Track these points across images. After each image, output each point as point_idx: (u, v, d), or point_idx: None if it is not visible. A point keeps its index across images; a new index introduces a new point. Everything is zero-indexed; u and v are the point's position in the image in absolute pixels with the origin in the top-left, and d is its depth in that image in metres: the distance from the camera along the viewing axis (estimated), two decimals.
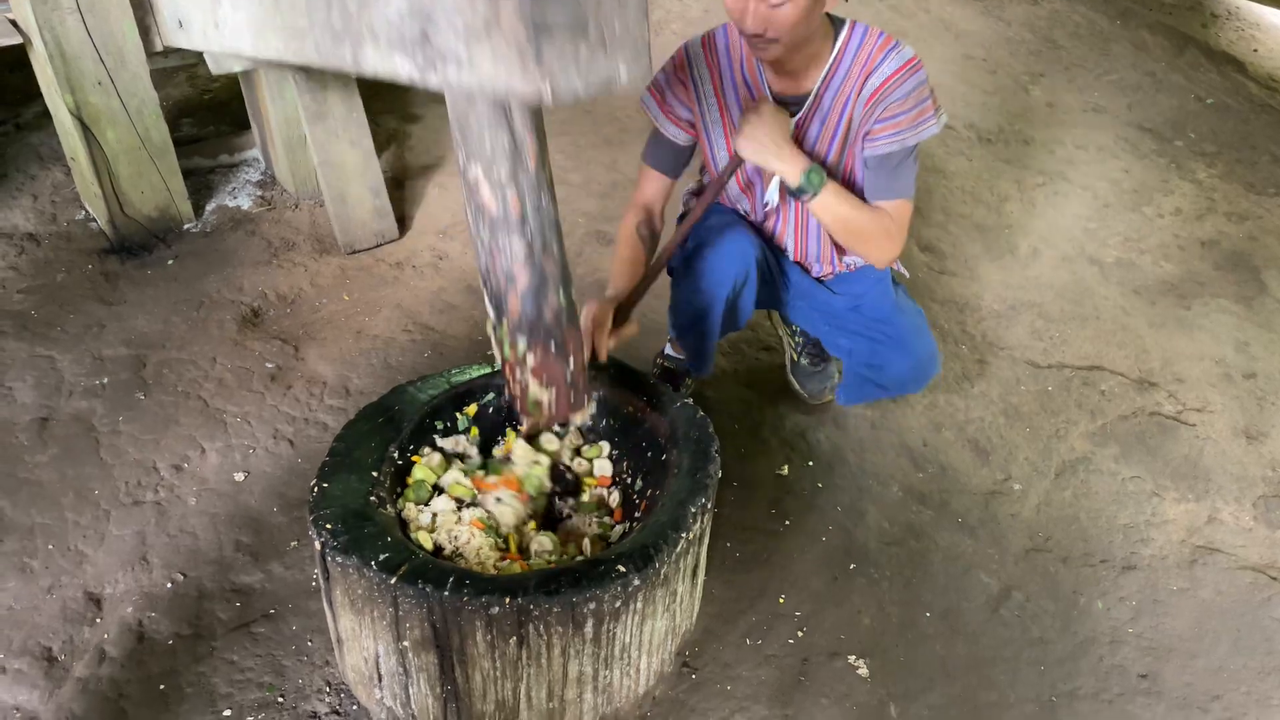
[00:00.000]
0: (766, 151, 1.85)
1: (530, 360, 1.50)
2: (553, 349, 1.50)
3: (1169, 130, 4.29)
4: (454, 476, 1.73)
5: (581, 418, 1.57)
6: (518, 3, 1.01)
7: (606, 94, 1.09)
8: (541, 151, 1.36)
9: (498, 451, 1.84)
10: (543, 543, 1.68)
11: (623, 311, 1.92)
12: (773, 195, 2.05)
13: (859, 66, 1.86)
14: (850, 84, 1.87)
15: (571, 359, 1.51)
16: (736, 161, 1.93)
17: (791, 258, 2.19)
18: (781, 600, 2.04)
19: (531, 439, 1.80)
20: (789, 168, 1.85)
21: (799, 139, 1.94)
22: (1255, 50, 5.35)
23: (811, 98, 1.90)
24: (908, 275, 2.24)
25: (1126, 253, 3.42)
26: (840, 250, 2.15)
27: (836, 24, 1.87)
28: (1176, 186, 3.85)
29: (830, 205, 1.89)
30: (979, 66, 4.54)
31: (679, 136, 2.05)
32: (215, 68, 2.57)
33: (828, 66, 1.88)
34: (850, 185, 2.01)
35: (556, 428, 1.67)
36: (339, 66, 1.49)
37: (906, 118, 1.85)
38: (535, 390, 1.51)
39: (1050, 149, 4.00)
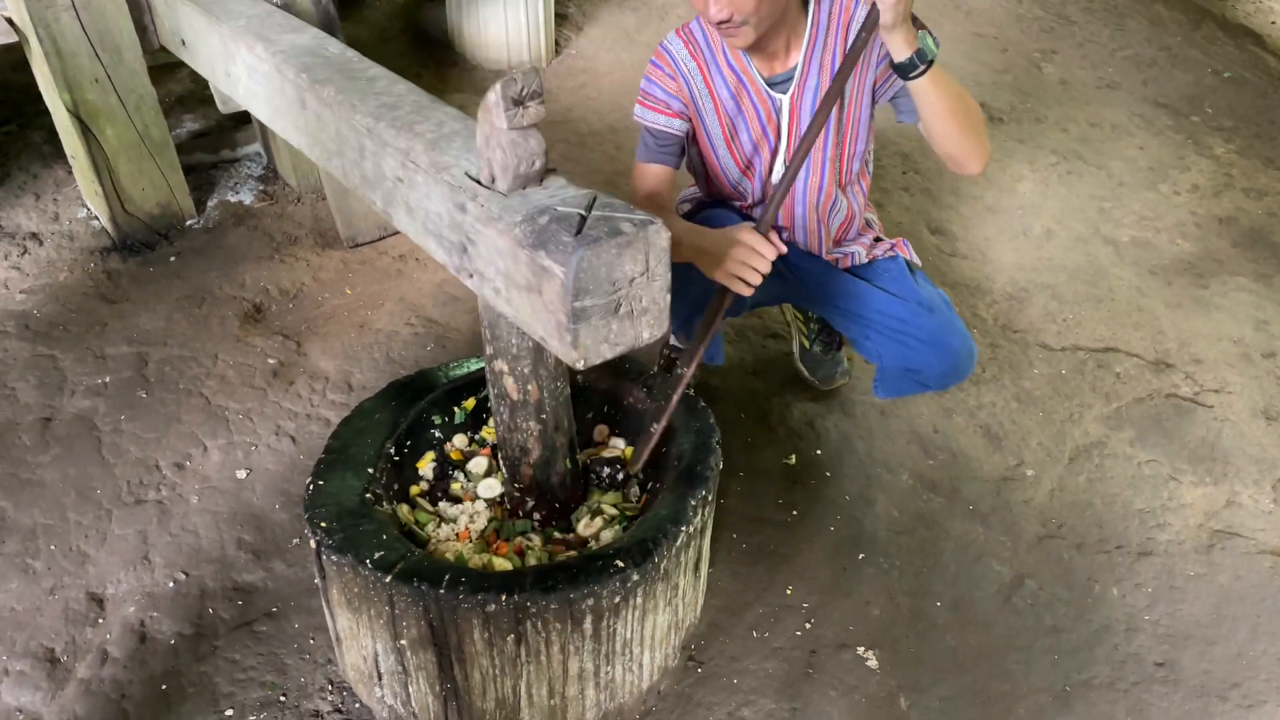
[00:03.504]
0: (906, 12, 1.62)
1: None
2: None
3: (1185, 106, 4.20)
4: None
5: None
6: (561, 291, 1.12)
7: (628, 352, 1.22)
8: None
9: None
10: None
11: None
12: (778, 171, 2.02)
13: (835, 26, 1.83)
14: (832, 47, 1.84)
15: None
16: (873, 19, 1.68)
17: (785, 236, 2.14)
18: (789, 591, 2.01)
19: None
20: (911, 33, 1.64)
21: (793, 115, 1.91)
22: (1274, 22, 5.23)
23: (798, 73, 1.86)
24: (920, 262, 2.18)
25: (1142, 232, 3.35)
26: (837, 227, 2.10)
27: None
28: (1193, 163, 3.78)
29: (944, 79, 1.69)
30: (990, 45, 4.46)
31: (674, 126, 1.97)
32: (223, 107, 2.56)
33: (806, 39, 1.84)
34: (852, 144, 1.97)
35: None
36: (368, 203, 1.65)
37: None
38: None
39: (1063, 127, 3.93)
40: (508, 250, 1.21)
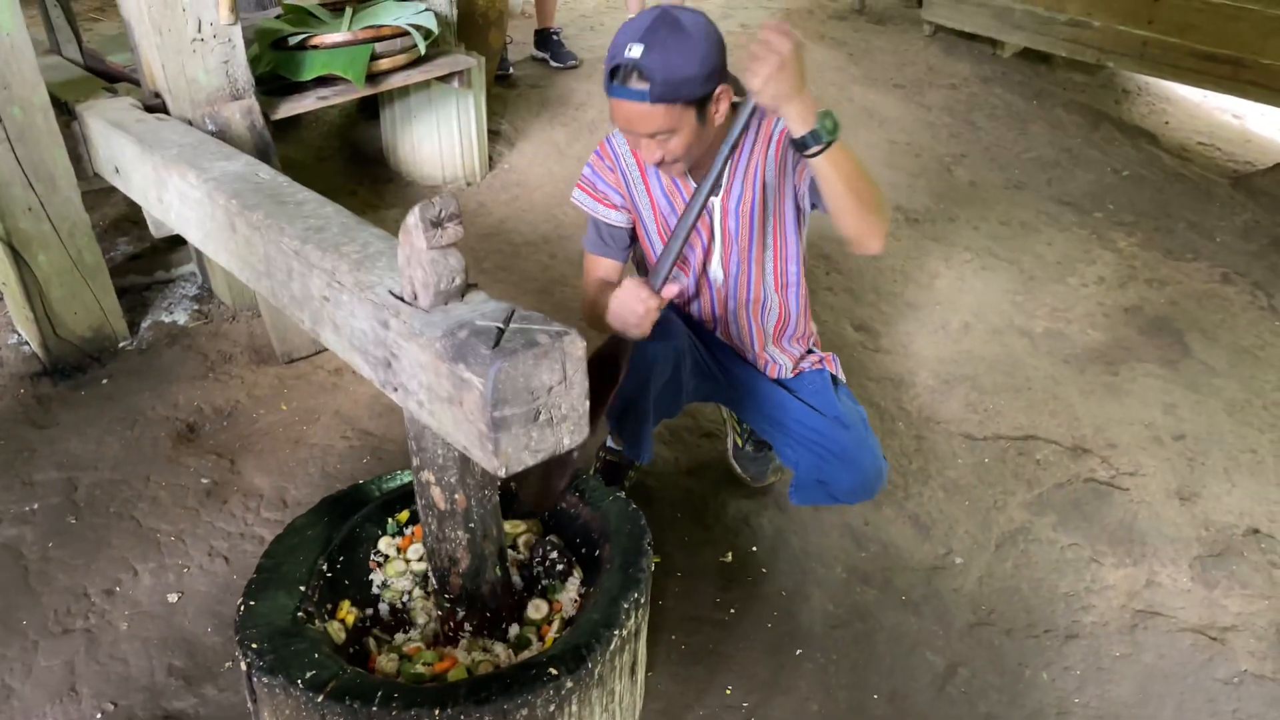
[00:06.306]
0: (789, 89, 1.62)
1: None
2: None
3: (1088, 203, 4.45)
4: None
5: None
6: (480, 401, 1.17)
7: (550, 456, 1.26)
8: None
9: None
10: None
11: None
12: (716, 272, 2.11)
13: (762, 137, 1.95)
14: (756, 155, 1.95)
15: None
16: (751, 108, 1.71)
17: (718, 334, 2.23)
18: (729, 691, 2.03)
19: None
20: (806, 110, 1.64)
21: (724, 216, 2.01)
22: (1166, 123, 5.59)
23: (725, 179, 1.98)
24: (844, 379, 2.26)
25: (1054, 323, 3.52)
26: (773, 326, 2.19)
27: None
28: (1098, 256, 3.99)
29: (844, 158, 1.70)
30: (903, 150, 4.71)
31: (619, 220, 2.10)
32: (156, 231, 2.61)
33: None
34: (783, 249, 2.09)
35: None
36: (296, 322, 1.68)
37: None
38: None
39: (975, 225, 4.14)
40: (429, 364, 1.26)
